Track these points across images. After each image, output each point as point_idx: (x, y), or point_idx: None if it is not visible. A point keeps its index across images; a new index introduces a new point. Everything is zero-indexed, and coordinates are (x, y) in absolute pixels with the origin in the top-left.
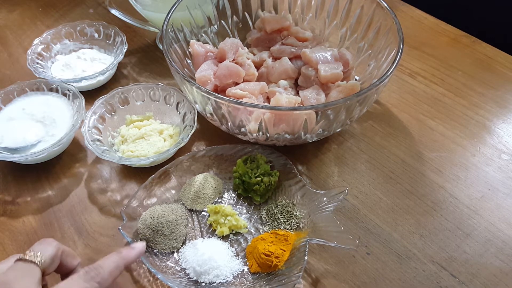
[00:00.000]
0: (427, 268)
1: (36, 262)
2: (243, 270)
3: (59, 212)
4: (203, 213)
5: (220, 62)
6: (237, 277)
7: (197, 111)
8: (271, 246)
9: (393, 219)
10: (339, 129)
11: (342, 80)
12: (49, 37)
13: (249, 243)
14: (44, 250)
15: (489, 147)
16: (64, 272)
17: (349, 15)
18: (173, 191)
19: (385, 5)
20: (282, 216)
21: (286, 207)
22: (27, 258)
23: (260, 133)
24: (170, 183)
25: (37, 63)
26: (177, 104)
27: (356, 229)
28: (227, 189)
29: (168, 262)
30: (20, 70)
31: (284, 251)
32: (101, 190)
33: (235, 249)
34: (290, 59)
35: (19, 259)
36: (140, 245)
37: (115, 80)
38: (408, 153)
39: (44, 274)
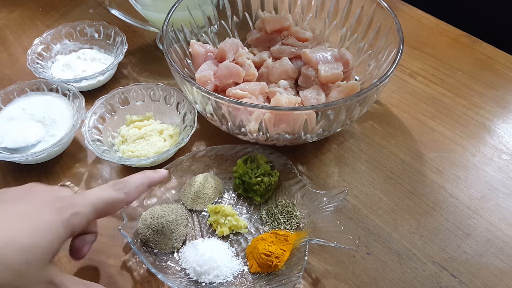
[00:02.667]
0: (427, 268)
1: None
2: (243, 270)
3: None
4: (203, 213)
5: (220, 62)
6: (237, 277)
7: (197, 111)
8: (271, 246)
9: (393, 219)
10: (339, 129)
11: (342, 80)
12: (49, 37)
13: (249, 243)
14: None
15: (489, 147)
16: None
17: (349, 15)
18: (173, 191)
19: (385, 5)
20: (282, 216)
21: (286, 207)
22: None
23: (260, 133)
24: (170, 183)
25: (37, 63)
26: (177, 104)
27: (356, 229)
28: (227, 189)
29: (168, 262)
30: (20, 70)
31: (284, 251)
32: None
33: (235, 249)
34: (290, 59)
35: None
36: (163, 171)
37: (115, 80)
38: (408, 153)
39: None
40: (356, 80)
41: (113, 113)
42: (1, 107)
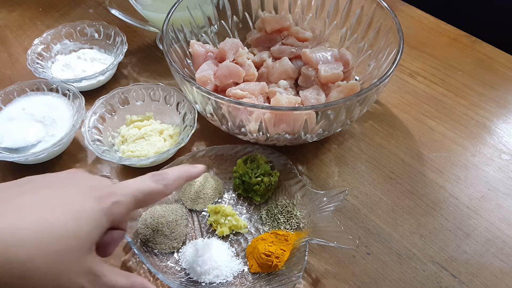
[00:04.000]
0: (427, 268)
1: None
2: (243, 270)
3: None
4: (203, 213)
5: (220, 62)
6: (237, 277)
7: (197, 111)
8: (271, 246)
9: (393, 219)
10: (339, 129)
11: (342, 80)
12: (49, 37)
13: (249, 243)
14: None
15: (489, 147)
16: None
17: (349, 15)
18: (173, 191)
19: (385, 5)
20: (282, 216)
21: (286, 207)
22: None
23: (260, 133)
24: None
25: (37, 63)
26: (177, 104)
27: (356, 229)
28: (227, 189)
29: (168, 262)
30: (20, 70)
31: (284, 251)
32: None
33: (235, 249)
34: (290, 59)
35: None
36: (202, 166)
37: (115, 80)
38: (408, 153)
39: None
40: (356, 80)
41: (113, 113)
42: (1, 107)
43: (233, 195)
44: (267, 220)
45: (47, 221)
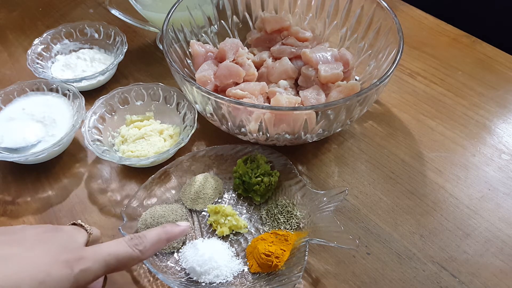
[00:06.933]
0: (427, 268)
1: (86, 229)
2: (243, 270)
3: (59, 212)
4: (203, 213)
5: (220, 62)
6: (237, 277)
7: (197, 111)
8: (271, 246)
9: (393, 219)
10: (339, 129)
11: (342, 80)
12: (49, 37)
13: (249, 243)
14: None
15: (489, 147)
16: None
17: (349, 15)
18: (173, 191)
19: (385, 5)
20: (282, 216)
21: (286, 207)
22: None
23: (260, 133)
24: (170, 183)
25: (37, 63)
26: (177, 104)
27: (356, 229)
28: (227, 189)
29: (168, 262)
30: (20, 70)
31: (284, 251)
32: (101, 190)
33: (235, 249)
34: (290, 59)
35: (73, 223)
36: (185, 224)
37: (115, 80)
38: (408, 153)
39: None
40: (356, 80)
41: (113, 113)
42: (1, 107)
43: (233, 195)
44: (267, 220)
45: (14, 282)
